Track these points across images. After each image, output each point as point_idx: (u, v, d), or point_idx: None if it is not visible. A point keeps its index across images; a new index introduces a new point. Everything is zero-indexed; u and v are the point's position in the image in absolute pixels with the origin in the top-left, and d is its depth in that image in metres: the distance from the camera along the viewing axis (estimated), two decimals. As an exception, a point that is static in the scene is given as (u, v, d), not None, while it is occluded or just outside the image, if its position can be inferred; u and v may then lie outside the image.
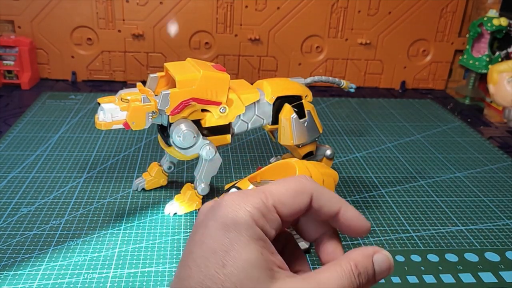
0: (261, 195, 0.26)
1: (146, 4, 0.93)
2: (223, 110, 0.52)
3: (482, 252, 0.52)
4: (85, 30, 0.94)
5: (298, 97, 0.57)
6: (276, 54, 1.00)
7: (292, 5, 0.96)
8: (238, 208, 0.25)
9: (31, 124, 0.76)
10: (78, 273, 0.44)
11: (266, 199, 0.26)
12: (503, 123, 0.89)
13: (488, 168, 0.71)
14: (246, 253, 0.24)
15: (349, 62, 1.03)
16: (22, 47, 0.90)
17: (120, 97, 0.50)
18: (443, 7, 1.00)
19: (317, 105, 0.90)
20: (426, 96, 1.03)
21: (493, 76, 0.90)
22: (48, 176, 0.61)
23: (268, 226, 0.26)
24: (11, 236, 0.49)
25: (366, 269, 0.26)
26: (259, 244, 0.25)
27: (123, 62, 0.97)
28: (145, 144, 0.71)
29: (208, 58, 0.98)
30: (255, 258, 0.24)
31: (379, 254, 0.27)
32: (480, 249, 0.52)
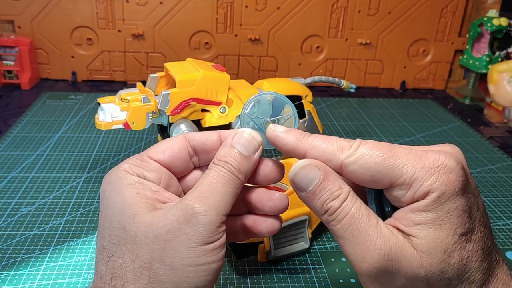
0: (138, 154, 0.31)
1: (146, 4, 0.93)
2: (223, 110, 0.53)
3: (482, 252, 0.52)
4: (85, 30, 0.94)
5: (298, 97, 0.57)
6: (276, 54, 1.00)
7: (292, 5, 0.96)
8: (113, 171, 0.30)
9: (31, 124, 0.76)
10: (78, 273, 0.44)
11: (140, 154, 0.31)
12: (503, 123, 0.89)
13: (488, 168, 0.71)
14: (119, 198, 0.28)
15: (349, 62, 1.03)
16: (22, 47, 0.90)
17: (120, 97, 0.50)
18: (443, 7, 1.00)
19: (317, 105, 0.90)
20: (426, 96, 1.03)
21: (493, 76, 0.90)
22: (48, 176, 0.61)
23: (144, 171, 0.30)
24: (11, 236, 0.49)
25: (228, 155, 0.29)
26: (134, 188, 0.28)
27: (123, 62, 0.97)
28: (145, 144, 0.71)
29: (208, 58, 0.98)
30: (130, 198, 0.28)
31: (236, 135, 0.30)
32: (480, 249, 0.52)
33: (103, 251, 0.28)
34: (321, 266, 0.47)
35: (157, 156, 0.31)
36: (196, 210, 0.27)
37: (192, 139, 0.32)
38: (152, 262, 0.26)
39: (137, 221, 0.27)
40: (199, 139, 0.32)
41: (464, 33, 1.03)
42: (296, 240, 0.47)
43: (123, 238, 0.27)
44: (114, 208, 0.28)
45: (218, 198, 0.27)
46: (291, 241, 0.47)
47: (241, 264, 0.47)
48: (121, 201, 0.28)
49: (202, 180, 0.28)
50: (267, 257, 0.46)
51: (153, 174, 0.30)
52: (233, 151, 0.29)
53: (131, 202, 0.28)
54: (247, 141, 0.30)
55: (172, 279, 0.26)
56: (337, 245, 0.51)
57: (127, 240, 0.27)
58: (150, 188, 0.29)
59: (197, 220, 0.26)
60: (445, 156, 0.27)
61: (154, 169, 0.30)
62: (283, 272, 0.46)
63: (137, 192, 0.28)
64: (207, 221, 0.27)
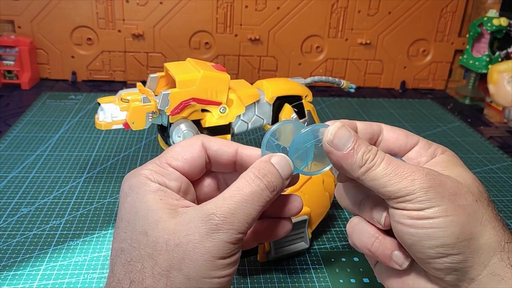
0: (156, 159, 0.31)
1: (146, 4, 0.93)
2: (223, 110, 0.53)
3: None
4: (85, 30, 0.94)
5: (298, 97, 0.57)
6: (276, 54, 1.00)
7: (292, 5, 0.96)
8: (133, 176, 0.30)
9: (31, 124, 0.76)
10: (78, 273, 0.44)
11: (159, 160, 0.31)
12: (503, 123, 0.89)
13: (488, 168, 0.71)
14: (143, 204, 0.28)
15: (349, 62, 1.03)
16: (22, 47, 0.90)
17: (120, 97, 0.50)
18: (443, 7, 1.00)
19: (317, 105, 0.90)
20: (426, 96, 1.03)
21: (493, 76, 0.90)
22: (48, 176, 0.61)
23: (165, 179, 0.30)
24: (11, 236, 0.49)
25: (269, 170, 0.29)
26: (157, 194, 0.29)
27: (123, 62, 0.97)
28: (145, 144, 0.71)
29: (208, 58, 0.98)
30: (154, 204, 0.28)
31: (275, 156, 0.30)
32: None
33: (121, 253, 0.28)
34: (321, 266, 0.47)
35: (176, 164, 0.31)
36: (220, 227, 0.27)
37: (209, 149, 0.32)
38: (171, 270, 0.27)
39: (160, 227, 0.27)
40: (216, 150, 0.32)
41: (464, 33, 1.03)
42: (296, 240, 0.47)
43: (144, 243, 0.27)
44: (138, 213, 0.28)
45: (243, 217, 0.28)
46: (291, 241, 0.47)
47: (241, 264, 0.47)
48: (145, 206, 0.28)
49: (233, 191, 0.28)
50: (267, 257, 0.46)
51: (173, 183, 0.31)
52: (272, 167, 0.30)
53: (155, 208, 0.28)
54: (285, 164, 0.30)
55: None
56: (337, 245, 0.51)
57: (147, 245, 0.27)
58: (171, 196, 0.29)
59: (218, 236, 0.27)
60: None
61: (175, 178, 0.31)
62: (283, 272, 0.46)
63: (160, 198, 0.29)
64: (228, 239, 0.27)
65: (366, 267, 0.48)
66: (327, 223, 0.54)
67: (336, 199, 0.36)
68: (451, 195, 0.29)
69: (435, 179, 0.29)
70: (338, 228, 0.54)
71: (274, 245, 0.46)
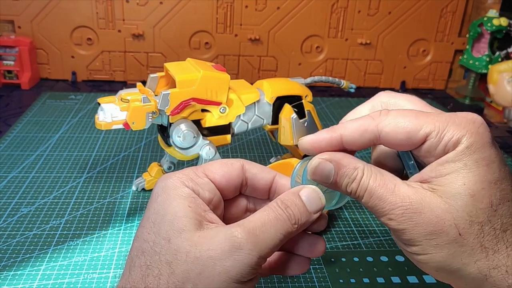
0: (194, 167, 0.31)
1: (146, 4, 0.93)
2: (223, 110, 0.52)
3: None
4: (85, 30, 0.94)
5: (298, 97, 0.57)
6: (276, 54, 1.00)
7: (292, 5, 0.96)
8: (169, 177, 0.30)
9: (31, 124, 0.76)
10: (78, 273, 0.44)
11: (196, 168, 0.31)
12: (503, 123, 0.89)
13: (488, 168, 0.71)
14: (172, 208, 0.28)
15: (349, 62, 1.03)
16: (22, 47, 0.90)
17: (120, 97, 0.50)
18: (443, 7, 1.00)
19: (317, 105, 0.90)
20: (426, 96, 1.03)
21: (493, 76, 0.90)
22: (48, 176, 0.61)
23: (199, 188, 0.30)
24: (11, 236, 0.49)
25: (293, 202, 0.29)
26: (187, 200, 0.28)
27: (123, 62, 0.97)
28: (145, 144, 0.71)
29: (208, 58, 0.98)
30: (182, 210, 0.28)
31: (305, 188, 0.30)
32: (480, 249, 0.52)
33: (142, 255, 0.28)
34: (321, 266, 0.47)
35: (214, 176, 0.31)
36: (242, 246, 0.26)
37: (248, 171, 0.32)
38: (186, 282, 0.26)
39: (183, 236, 0.27)
40: (254, 174, 0.32)
41: (464, 33, 1.04)
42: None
43: (165, 249, 0.27)
44: (164, 217, 0.28)
45: (267, 240, 0.27)
46: (291, 241, 0.47)
47: (241, 264, 0.47)
48: (173, 211, 0.28)
49: (257, 216, 0.28)
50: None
51: (207, 193, 0.30)
52: (298, 200, 0.29)
53: (181, 215, 0.28)
54: (315, 198, 0.30)
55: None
56: (337, 245, 0.51)
57: (168, 252, 0.27)
58: (200, 205, 0.29)
59: (239, 257, 0.26)
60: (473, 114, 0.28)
61: (209, 188, 0.31)
62: (283, 272, 0.46)
63: (188, 205, 0.28)
64: (248, 261, 0.27)
65: (366, 267, 0.48)
66: (327, 223, 0.54)
67: None
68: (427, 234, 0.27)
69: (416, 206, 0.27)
70: (338, 228, 0.54)
71: (274, 245, 0.46)
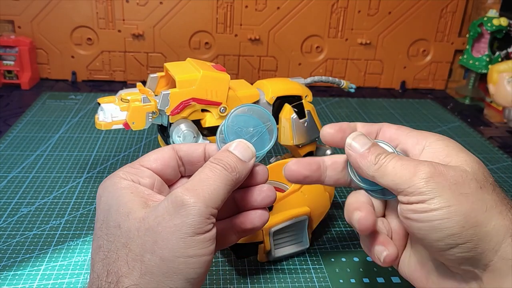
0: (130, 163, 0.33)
1: (146, 4, 0.93)
2: (223, 110, 0.53)
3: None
4: (85, 30, 0.94)
5: (298, 97, 0.57)
6: (276, 54, 1.00)
7: (292, 5, 0.96)
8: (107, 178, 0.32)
9: (31, 124, 0.76)
10: (78, 273, 0.44)
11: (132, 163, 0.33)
12: (503, 123, 0.89)
13: (488, 168, 0.70)
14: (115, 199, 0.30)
15: (349, 62, 1.03)
16: (22, 47, 0.90)
17: (120, 97, 0.50)
18: (443, 7, 1.00)
19: (317, 105, 0.90)
20: (426, 96, 1.03)
21: (493, 76, 0.90)
22: (48, 176, 0.61)
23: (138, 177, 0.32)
24: (11, 236, 0.49)
25: (224, 155, 0.31)
26: (129, 190, 0.30)
27: (123, 62, 0.97)
28: (145, 144, 0.71)
29: (208, 58, 0.98)
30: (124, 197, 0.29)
31: (232, 143, 0.32)
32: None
33: (99, 250, 0.29)
34: (321, 266, 0.47)
35: (150, 164, 0.33)
36: (185, 201, 0.27)
37: (179, 150, 0.34)
38: (144, 254, 0.27)
39: (131, 217, 0.28)
40: (186, 150, 0.34)
41: (464, 33, 1.03)
42: (296, 240, 0.47)
43: (118, 235, 0.28)
44: (110, 209, 0.29)
45: (208, 191, 0.28)
46: (291, 241, 0.47)
47: (241, 264, 0.47)
48: (116, 201, 0.29)
49: (194, 176, 0.30)
50: (267, 257, 0.47)
51: (147, 179, 0.32)
52: (230, 154, 0.31)
53: (126, 201, 0.29)
54: (244, 148, 0.32)
55: (162, 270, 0.27)
56: (337, 245, 0.51)
57: (121, 236, 0.28)
58: (143, 190, 0.31)
59: (186, 211, 0.27)
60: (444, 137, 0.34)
61: (148, 175, 0.32)
62: (283, 272, 0.46)
63: (131, 192, 0.30)
64: (196, 212, 0.27)
65: (366, 267, 0.48)
66: (327, 223, 0.54)
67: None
68: (452, 185, 0.29)
69: (436, 170, 0.30)
70: (338, 228, 0.54)
71: (274, 245, 0.46)
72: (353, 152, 0.33)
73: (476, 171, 0.31)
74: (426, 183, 0.29)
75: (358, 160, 0.33)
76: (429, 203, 0.29)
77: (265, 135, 0.34)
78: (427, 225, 0.29)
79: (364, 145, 0.33)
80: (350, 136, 0.34)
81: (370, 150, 0.33)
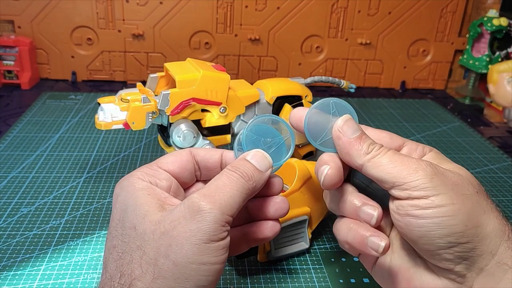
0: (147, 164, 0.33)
1: (146, 4, 0.93)
2: (223, 110, 0.53)
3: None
4: (85, 30, 0.94)
5: (298, 97, 0.57)
6: (276, 54, 1.00)
7: (292, 5, 0.96)
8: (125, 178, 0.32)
9: (31, 124, 0.76)
10: (78, 273, 0.44)
11: (150, 164, 0.33)
12: (503, 123, 0.89)
13: (488, 168, 0.71)
14: (132, 200, 0.30)
15: (349, 62, 1.03)
16: (22, 47, 0.90)
17: (120, 97, 0.50)
18: (443, 7, 1.00)
19: (317, 105, 0.90)
20: (426, 96, 1.03)
21: (493, 76, 0.90)
22: (48, 176, 0.61)
23: (156, 179, 0.32)
24: (11, 236, 0.49)
25: (241, 164, 0.31)
26: (146, 191, 0.30)
27: (123, 62, 0.97)
28: (145, 144, 0.71)
29: (208, 58, 0.98)
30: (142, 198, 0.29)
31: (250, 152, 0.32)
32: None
33: (113, 250, 0.29)
34: (321, 266, 0.47)
35: (167, 166, 0.33)
36: (202, 207, 0.28)
37: (196, 154, 0.34)
38: (158, 257, 0.27)
39: (147, 220, 0.28)
40: (203, 156, 0.34)
41: (464, 33, 1.03)
42: (296, 240, 0.47)
43: (133, 237, 0.28)
44: (127, 209, 0.29)
45: (224, 198, 0.28)
46: (291, 241, 0.47)
47: (241, 264, 0.47)
48: (133, 202, 0.29)
49: (211, 182, 0.30)
50: (267, 257, 0.47)
51: (164, 182, 0.32)
52: (247, 163, 0.31)
53: (142, 202, 0.29)
54: (261, 158, 0.32)
55: (175, 275, 0.27)
56: (337, 245, 0.51)
57: (136, 238, 0.28)
58: (160, 193, 0.30)
59: (202, 217, 0.27)
60: None
61: (165, 177, 0.32)
62: (283, 272, 0.46)
63: (148, 193, 0.30)
64: (211, 219, 0.27)
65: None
66: (327, 223, 0.54)
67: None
68: (454, 185, 0.29)
69: (437, 169, 0.30)
70: (338, 228, 0.54)
71: (274, 245, 0.46)
72: (344, 136, 0.32)
73: (469, 178, 0.31)
74: (431, 180, 0.29)
75: (347, 146, 0.32)
76: (433, 199, 0.28)
77: (283, 146, 0.34)
78: (430, 221, 0.28)
79: (356, 131, 0.32)
80: (342, 117, 0.33)
81: (362, 138, 0.32)
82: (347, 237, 0.32)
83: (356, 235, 0.32)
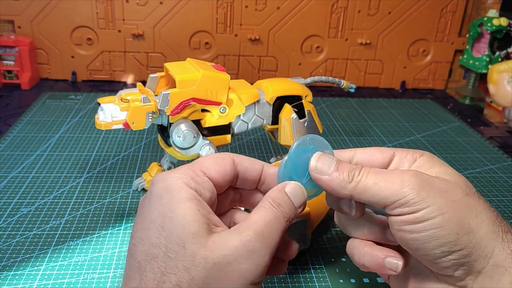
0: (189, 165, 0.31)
1: (146, 4, 0.93)
2: (223, 110, 0.52)
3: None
4: (85, 30, 0.94)
5: (298, 97, 0.57)
6: (276, 54, 1.00)
7: (292, 5, 0.96)
8: (168, 177, 0.29)
9: (31, 124, 0.76)
10: (78, 273, 0.44)
11: (192, 166, 0.31)
12: (503, 123, 0.89)
13: (488, 168, 0.71)
14: (181, 210, 0.27)
15: (349, 62, 1.03)
16: (22, 47, 0.90)
17: (120, 97, 0.50)
18: (443, 7, 1.00)
19: (317, 105, 0.90)
20: (426, 96, 1.03)
21: (493, 76, 0.90)
22: (48, 176, 0.61)
23: (201, 187, 0.29)
24: (11, 236, 0.49)
25: (282, 200, 0.30)
26: (194, 203, 0.28)
27: (123, 62, 0.97)
28: (145, 144, 0.71)
29: (208, 58, 0.98)
30: (192, 214, 0.27)
31: (289, 185, 0.31)
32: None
33: (153, 260, 0.27)
34: (321, 266, 0.47)
35: (211, 174, 0.31)
36: (257, 249, 0.27)
37: (239, 164, 0.33)
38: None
39: (197, 241, 0.27)
40: (246, 167, 0.33)
41: (464, 33, 1.03)
42: (296, 240, 0.47)
43: (181, 255, 0.27)
44: (173, 220, 0.27)
45: (272, 240, 0.28)
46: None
47: (241, 264, 0.47)
48: (182, 214, 0.27)
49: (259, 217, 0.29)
50: (267, 257, 0.46)
51: (208, 194, 0.30)
52: (287, 198, 0.31)
53: (192, 219, 0.27)
54: (300, 194, 0.31)
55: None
56: (337, 245, 0.51)
57: (185, 258, 0.27)
58: (206, 209, 0.29)
59: (255, 259, 0.27)
60: None
61: (209, 188, 0.30)
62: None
63: (197, 209, 0.28)
64: (262, 262, 0.27)
65: (366, 267, 0.48)
66: (327, 223, 0.54)
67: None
68: (442, 192, 0.29)
69: (423, 178, 0.30)
70: (338, 228, 0.54)
71: (274, 245, 0.46)
72: (322, 175, 0.31)
73: (458, 180, 0.31)
74: (417, 193, 0.29)
75: (329, 184, 0.31)
76: (422, 213, 0.29)
77: None
78: (422, 235, 0.29)
79: (331, 164, 0.31)
80: (313, 158, 0.32)
81: (339, 168, 0.31)
82: (364, 261, 0.33)
83: (372, 259, 0.33)
